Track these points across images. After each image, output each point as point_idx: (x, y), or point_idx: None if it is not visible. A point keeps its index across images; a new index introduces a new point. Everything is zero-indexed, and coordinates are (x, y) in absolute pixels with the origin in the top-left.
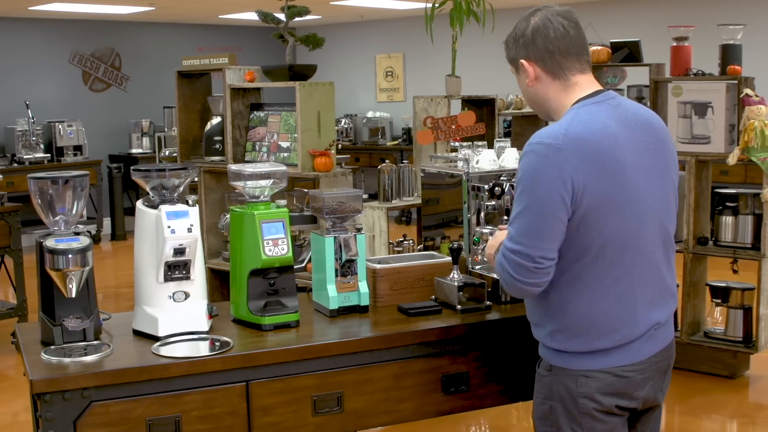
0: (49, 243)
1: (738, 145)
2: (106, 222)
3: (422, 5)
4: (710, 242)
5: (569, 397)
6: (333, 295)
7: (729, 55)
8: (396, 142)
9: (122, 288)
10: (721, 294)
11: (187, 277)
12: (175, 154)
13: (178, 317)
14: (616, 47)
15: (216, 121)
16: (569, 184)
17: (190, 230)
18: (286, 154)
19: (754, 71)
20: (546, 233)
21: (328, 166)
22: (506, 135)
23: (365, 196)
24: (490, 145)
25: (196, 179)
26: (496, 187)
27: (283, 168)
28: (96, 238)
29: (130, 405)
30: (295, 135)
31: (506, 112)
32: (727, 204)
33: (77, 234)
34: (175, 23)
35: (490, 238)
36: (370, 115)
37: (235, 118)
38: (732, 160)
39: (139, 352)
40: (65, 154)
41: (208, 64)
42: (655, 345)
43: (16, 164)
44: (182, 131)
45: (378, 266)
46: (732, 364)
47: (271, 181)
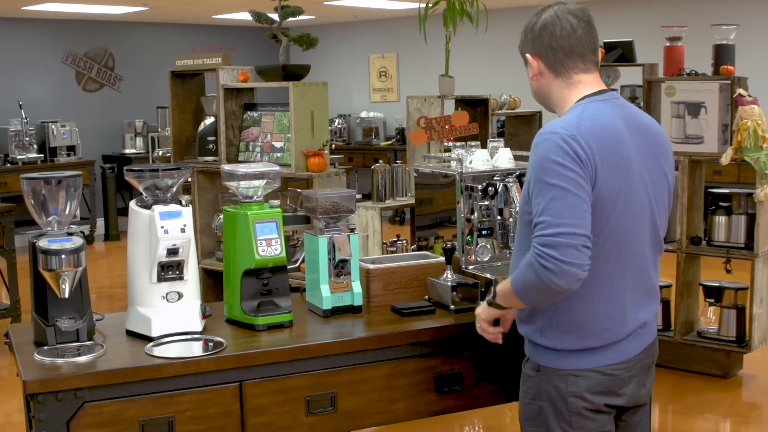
0: (42, 243)
1: (731, 144)
2: (100, 222)
3: (416, 5)
4: (703, 242)
5: (559, 397)
6: (326, 296)
7: (722, 55)
8: (389, 142)
9: (115, 288)
10: (715, 294)
11: (181, 278)
12: (169, 155)
13: (172, 317)
14: (609, 47)
15: (209, 121)
16: (589, 168)
17: (183, 230)
18: (279, 155)
19: (747, 71)
20: (585, 211)
21: (322, 167)
22: (500, 135)
23: (359, 196)
24: (484, 145)
25: (190, 179)
26: (490, 187)
27: (277, 168)
28: (89, 239)
29: (123, 405)
30: (289, 135)
31: (500, 112)
32: (721, 204)
33: (70, 234)
34: (169, 23)
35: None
36: (363, 115)
37: (229, 119)
38: (725, 160)
39: (133, 353)
40: (58, 155)
41: (202, 65)
42: (641, 343)
43: (9, 164)
44: (175, 131)
45: (371, 266)
46: (725, 364)
47: (265, 181)
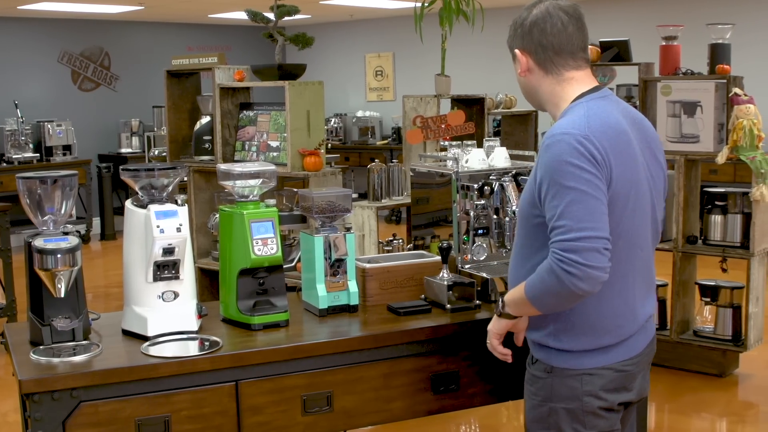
0: (38, 243)
1: (727, 144)
2: (96, 222)
3: (412, 4)
4: (699, 241)
5: (573, 397)
6: (322, 295)
7: (718, 54)
8: (386, 142)
9: (111, 288)
10: (711, 293)
11: (177, 277)
12: (165, 154)
13: (168, 317)
14: (605, 46)
15: (205, 120)
16: (604, 169)
17: (179, 230)
18: (275, 154)
19: (743, 70)
20: (603, 213)
21: (318, 166)
22: (496, 134)
23: (355, 196)
24: (480, 145)
25: (186, 179)
26: (486, 187)
27: (273, 167)
28: (85, 238)
29: (119, 405)
30: (285, 134)
31: (496, 111)
32: (716, 203)
33: (66, 234)
34: (165, 22)
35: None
36: (359, 114)
37: (225, 118)
38: (721, 159)
39: (129, 352)
40: (54, 154)
41: (198, 64)
42: (647, 337)
43: (5, 164)
44: (171, 131)
45: (367, 265)
46: (721, 363)
47: (261, 180)
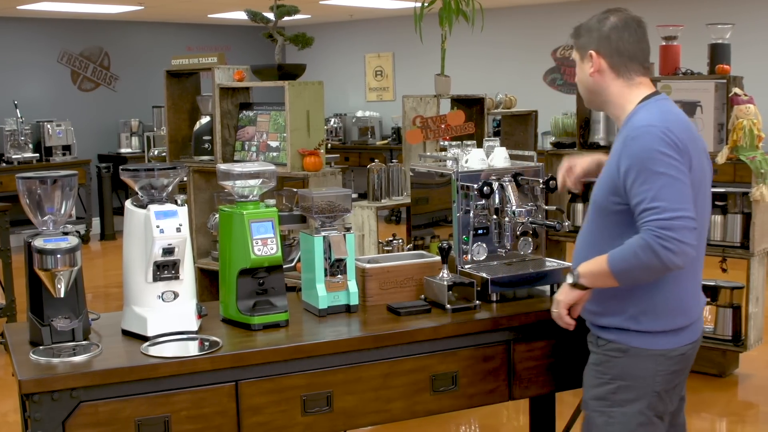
0: (38, 243)
1: (727, 144)
2: (96, 222)
3: (411, 4)
4: None
5: (647, 377)
6: (322, 295)
7: (718, 54)
8: (385, 142)
9: (111, 288)
10: (710, 293)
11: (176, 277)
12: (164, 154)
13: (167, 317)
14: None
15: (205, 120)
16: (686, 158)
17: (179, 230)
18: (275, 154)
19: (743, 70)
20: (690, 196)
21: (318, 166)
22: (495, 134)
23: (355, 196)
24: (479, 145)
25: (185, 179)
26: (485, 187)
27: (272, 167)
28: (85, 238)
29: (119, 405)
30: (285, 134)
31: (495, 111)
32: (716, 203)
33: (66, 234)
34: (164, 22)
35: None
36: (359, 114)
37: (224, 118)
38: (721, 159)
39: (128, 352)
40: (54, 154)
41: (197, 64)
42: (702, 323)
43: (4, 164)
44: (171, 131)
45: (367, 266)
46: (721, 363)
47: (260, 180)
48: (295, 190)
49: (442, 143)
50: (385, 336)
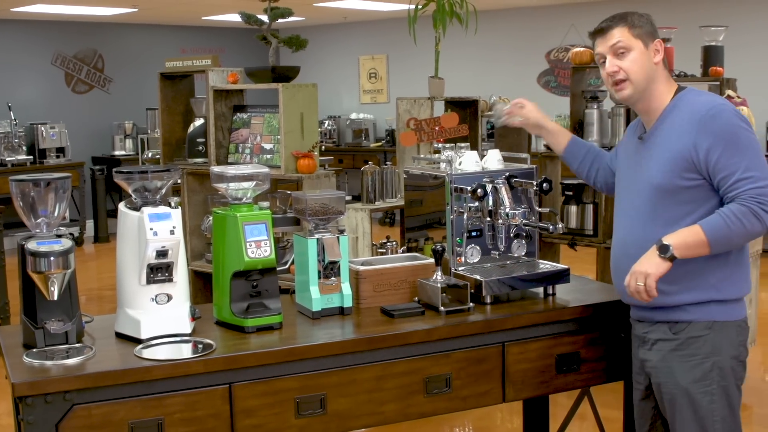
0: (31, 245)
1: None
2: (89, 224)
3: (405, 7)
4: None
5: (732, 348)
6: (316, 297)
7: (711, 56)
8: (379, 144)
9: (105, 290)
10: None
11: (170, 280)
12: (158, 156)
13: (161, 319)
14: None
15: (199, 122)
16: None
17: (172, 232)
18: (269, 156)
19: (736, 72)
20: None
21: (311, 168)
22: (489, 137)
23: (348, 198)
24: (473, 147)
25: (179, 181)
26: (479, 189)
27: (266, 170)
28: (79, 241)
29: (112, 408)
30: (278, 137)
31: (489, 113)
32: None
33: (59, 236)
34: (158, 25)
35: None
36: (353, 116)
37: (218, 120)
38: None
39: (122, 355)
40: (48, 156)
41: (191, 66)
42: None
43: None
44: (165, 133)
45: (361, 268)
46: None
47: (254, 182)
48: (289, 192)
49: (435, 145)
50: (379, 338)
